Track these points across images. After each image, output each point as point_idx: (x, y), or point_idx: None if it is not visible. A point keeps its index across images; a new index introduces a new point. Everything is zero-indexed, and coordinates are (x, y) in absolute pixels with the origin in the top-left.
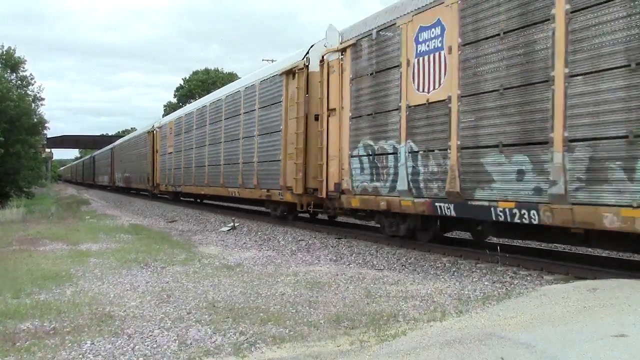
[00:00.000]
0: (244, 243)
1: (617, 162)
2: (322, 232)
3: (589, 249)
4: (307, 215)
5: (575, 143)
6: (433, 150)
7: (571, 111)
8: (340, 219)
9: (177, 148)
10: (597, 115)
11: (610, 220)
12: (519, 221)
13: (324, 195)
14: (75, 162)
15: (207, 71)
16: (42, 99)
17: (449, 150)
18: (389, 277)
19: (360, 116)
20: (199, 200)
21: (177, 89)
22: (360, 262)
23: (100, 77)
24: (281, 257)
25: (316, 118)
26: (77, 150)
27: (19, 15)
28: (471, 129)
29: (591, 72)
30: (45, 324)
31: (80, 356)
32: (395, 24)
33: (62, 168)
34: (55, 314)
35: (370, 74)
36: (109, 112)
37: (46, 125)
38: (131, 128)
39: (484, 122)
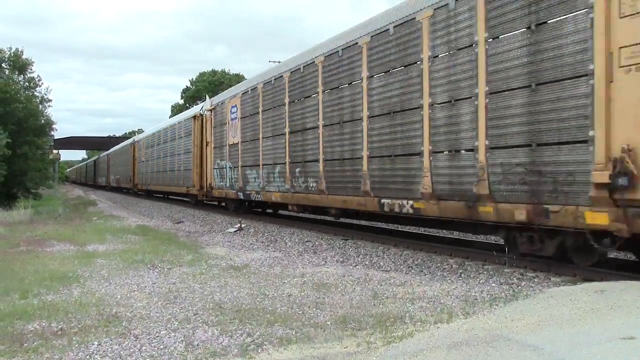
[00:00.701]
0: (251, 244)
1: (273, 175)
2: (328, 233)
3: None
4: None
5: (265, 166)
6: (236, 167)
7: (262, 153)
8: (343, 220)
9: (147, 158)
10: (270, 155)
11: (274, 198)
12: (258, 200)
13: (205, 190)
14: (79, 165)
15: (214, 72)
16: (50, 100)
17: (239, 167)
18: (396, 279)
19: (216, 147)
20: (165, 196)
21: (184, 91)
22: (367, 263)
23: (105, 79)
24: (288, 258)
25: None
26: (84, 151)
27: (24, 17)
28: (245, 157)
29: (268, 137)
30: (52, 325)
31: (88, 357)
32: (224, 101)
33: (69, 169)
34: (63, 315)
35: (217, 126)
36: (114, 114)
37: (53, 126)
38: (138, 130)
39: (247, 154)
